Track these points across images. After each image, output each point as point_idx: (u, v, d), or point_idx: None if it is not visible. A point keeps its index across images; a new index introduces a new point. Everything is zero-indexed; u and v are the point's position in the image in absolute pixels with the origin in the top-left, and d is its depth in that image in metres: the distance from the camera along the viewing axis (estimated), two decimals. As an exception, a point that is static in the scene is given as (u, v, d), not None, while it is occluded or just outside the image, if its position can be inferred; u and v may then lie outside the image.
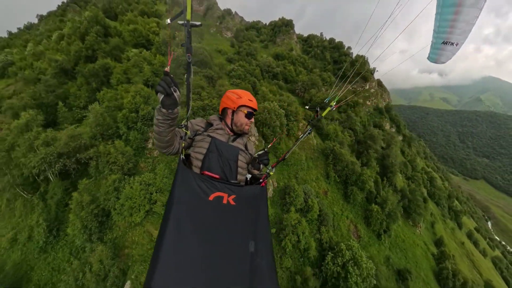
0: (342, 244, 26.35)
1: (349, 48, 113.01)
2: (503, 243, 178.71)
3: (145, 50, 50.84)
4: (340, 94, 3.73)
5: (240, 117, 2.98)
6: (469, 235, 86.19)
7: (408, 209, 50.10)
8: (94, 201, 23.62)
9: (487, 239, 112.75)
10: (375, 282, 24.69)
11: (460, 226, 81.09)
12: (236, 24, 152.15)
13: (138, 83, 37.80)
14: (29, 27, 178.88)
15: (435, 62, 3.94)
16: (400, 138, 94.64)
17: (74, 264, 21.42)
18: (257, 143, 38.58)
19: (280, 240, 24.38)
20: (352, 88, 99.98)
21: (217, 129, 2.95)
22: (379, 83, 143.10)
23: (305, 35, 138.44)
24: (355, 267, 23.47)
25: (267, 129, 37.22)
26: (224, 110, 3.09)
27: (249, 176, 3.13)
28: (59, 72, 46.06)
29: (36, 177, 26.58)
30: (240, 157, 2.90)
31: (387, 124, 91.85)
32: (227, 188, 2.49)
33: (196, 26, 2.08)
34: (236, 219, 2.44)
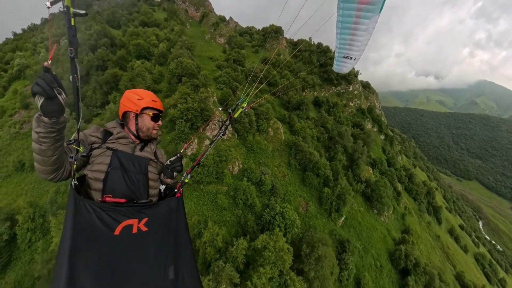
0: (277, 205, 32.96)
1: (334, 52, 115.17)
2: (493, 242, 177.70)
3: (146, 61, 59.28)
4: (251, 96, 3.95)
5: (146, 121, 2.58)
6: (451, 231, 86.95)
7: (371, 198, 52.63)
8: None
9: (473, 237, 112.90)
10: (296, 230, 31.99)
11: (439, 221, 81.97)
12: (231, 29, 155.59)
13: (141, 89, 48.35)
14: (32, 28, 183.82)
15: (339, 72, 4.82)
16: (382, 137, 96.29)
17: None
18: (230, 135, 43.99)
19: (235, 197, 33.66)
20: (336, 90, 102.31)
21: (119, 138, 2.46)
22: (367, 85, 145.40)
23: (297, 38, 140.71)
24: (281, 218, 31.13)
25: (238, 125, 44.43)
26: (125, 114, 2.61)
27: (163, 187, 2.71)
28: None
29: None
30: (150, 168, 2.53)
31: (369, 124, 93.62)
32: (137, 212, 2.15)
33: (80, 15, 1.68)
34: (149, 247, 2.12)
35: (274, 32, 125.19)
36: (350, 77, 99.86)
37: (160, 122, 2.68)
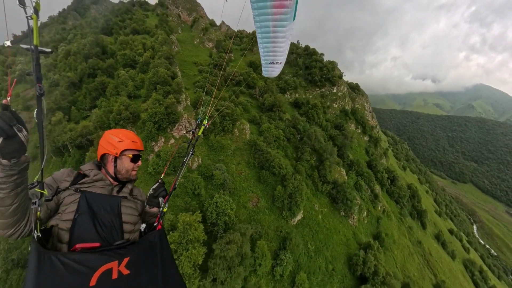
0: (217, 196, 35.56)
1: (322, 54, 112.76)
2: (487, 246, 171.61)
3: (131, 69, 64.38)
4: (209, 112, 4.24)
5: (125, 163, 2.40)
6: (437, 236, 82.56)
7: (336, 199, 49.55)
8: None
9: (463, 242, 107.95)
10: (226, 218, 33.50)
11: (424, 225, 77.78)
12: (222, 33, 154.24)
13: (123, 95, 53.00)
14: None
15: (269, 76, 5.30)
16: (366, 138, 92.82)
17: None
18: (197, 135, 46.08)
19: (185, 186, 37.49)
20: (320, 91, 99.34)
21: (96, 181, 2.25)
22: (356, 87, 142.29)
23: (296, 42, 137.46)
24: (215, 206, 34.07)
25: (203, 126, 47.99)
26: (104, 156, 2.43)
27: (143, 226, 2.48)
28: (70, 84, 63.77)
29: (61, 148, 47.99)
30: (123, 209, 2.25)
31: (352, 125, 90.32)
32: (115, 254, 1.87)
33: (45, 53, 1.69)
34: None
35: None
36: (334, 79, 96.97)
37: (139, 163, 2.51)
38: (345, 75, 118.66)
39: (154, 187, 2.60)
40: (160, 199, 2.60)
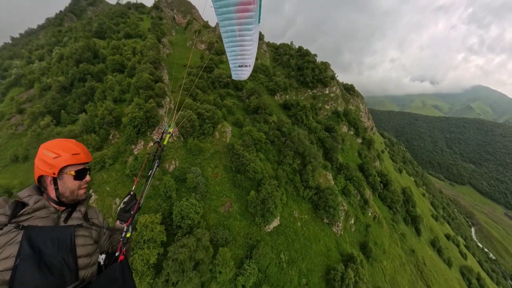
0: (184, 199, 35.23)
1: (315, 55, 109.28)
2: (486, 250, 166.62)
3: (119, 74, 65.04)
4: (175, 119, 4.88)
5: (68, 183, 1.99)
6: (433, 243, 78.39)
7: (318, 206, 46.11)
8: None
9: (461, 247, 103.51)
10: (190, 222, 33.09)
11: (418, 232, 73.67)
12: (216, 35, 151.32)
13: (109, 100, 54.56)
14: (29, 32, 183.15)
15: (239, 79, 5.70)
16: (359, 141, 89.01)
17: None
18: (175, 138, 46.77)
19: (159, 188, 37.40)
20: (312, 93, 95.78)
21: (36, 210, 1.82)
22: (351, 88, 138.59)
23: (295, 43, 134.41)
24: (179, 209, 33.73)
25: (182, 129, 47.20)
26: (42, 178, 2.00)
27: (102, 257, 2.16)
28: (61, 88, 64.53)
29: None
30: (78, 240, 1.87)
31: (344, 127, 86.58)
32: None
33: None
34: None
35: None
36: (326, 80, 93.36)
37: (88, 178, 2.13)
38: (337, 76, 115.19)
39: (125, 199, 2.39)
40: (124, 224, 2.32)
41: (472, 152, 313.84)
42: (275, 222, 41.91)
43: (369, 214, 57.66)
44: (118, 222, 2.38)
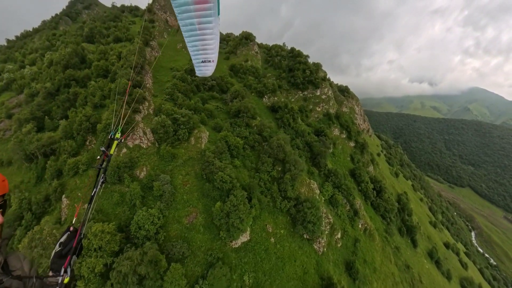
0: (144, 208, 34.43)
1: (307, 56, 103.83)
2: (486, 255, 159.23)
3: (102, 79, 64.37)
4: (122, 124, 4.60)
5: None
6: (431, 254, 71.94)
7: (295, 220, 40.51)
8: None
9: (460, 256, 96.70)
10: (144, 233, 31.79)
11: (415, 243, 67.38)
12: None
13: (89, 106, 54.63)
14: (25, 35, 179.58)
15: (203, 76, 5.89)
16: (352, 144, 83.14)
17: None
18: (150, 144, 45.94)
19: (125, 196, 37.70)
20: (303, 94, 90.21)
21: None
22: (345, 89, 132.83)
23: (293, 46, 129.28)
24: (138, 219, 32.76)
25: (157, 135, 46.47)
26: None
27: None
28: (47, 94, 64.61)
29: (32, 156, 49.21)
30: None
31: (336, 130, 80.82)
32: None
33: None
34: None
35: (245, 38, 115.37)
36: (317, 81, 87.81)
37: (1, 219, 1.76)
38: (329, 77, 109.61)
39: (62, 239, 1.94)
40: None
41: (470, 154, 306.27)
42: (244, 237, 36.98)
43: (359, 226, 51.75)
44: (50, 272, 1.87)
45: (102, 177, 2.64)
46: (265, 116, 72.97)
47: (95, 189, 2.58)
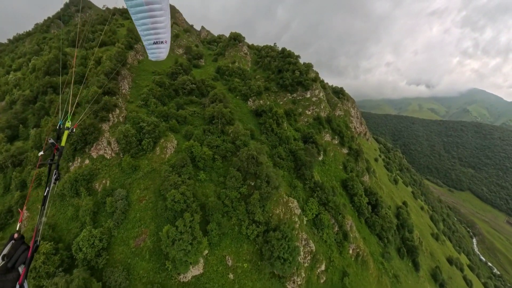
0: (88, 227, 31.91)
1: (298, 56, 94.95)
2: (489, 264, 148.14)
3: (79, 86, 60.12)
4: (71, 111, 4.20)
5: None
6: (435, 275, 62.08)
7: (263, 253, 31.64)
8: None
9: (464, 272, 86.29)
10: (81, 256, 29.48)
11: (417, 266, 57.49)
12: (197, 39, 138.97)
13: (60, 114, 46.03)
14: (17, 38, 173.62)
15: (157, 59, 5.10)
16: (345, 151, 73.84)
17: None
18: (114, 155, 43.09)
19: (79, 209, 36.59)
20: (292, 97, 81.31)
21: None
22: (340, 91, 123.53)
23: (290, 47, 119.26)
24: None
25: (120, 145, 43.29)
26: None
27: None
28: (25, 102, 62.61)
29: (2, 166, 48.61)
30: None
31: (327, 135, 71.62)
32: None
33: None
34: None
35: (233, 39, 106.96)
36: (307, 82, 78.80)
37: None
38: (323, 79, 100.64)
39: (5, 251, 1.64)
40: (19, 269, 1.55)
41: (470, 156, 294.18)
42: (197, 270, 29.55)
43: (349, 252, 42.44)
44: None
45: (55, 174, 2.20)
46: (248, 121, 64.19)
47: (47, 188, 2.17)
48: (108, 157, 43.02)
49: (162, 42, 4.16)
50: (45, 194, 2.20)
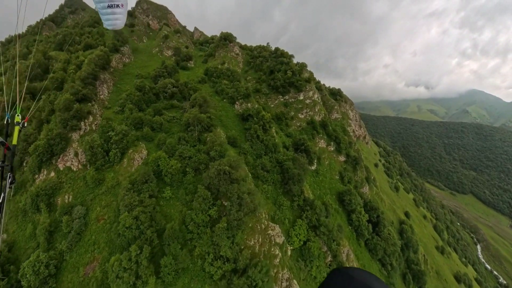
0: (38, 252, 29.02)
1: (291, 56, 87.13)
2: (495, 272, 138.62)
3: (55, 92, 56.00)
4: (19, 102, 3.90)
5: None
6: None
7: None
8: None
9: (474, 286, 77.77)
10: (25, 284, 26.94)
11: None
12: (188, 40, 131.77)
13: (34, 123, 49.04)
14: (9, 40, 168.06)
15: (114, 28, 4.24)
16: (342, 159, 65.68)
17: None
18: (80, 167, 39.66)
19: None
20: (284, 99, 73.40)
21: None
22: (338, 93, 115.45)
23: (289, 50, 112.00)
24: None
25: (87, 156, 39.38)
26: None
27: None
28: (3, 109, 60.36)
29: None
30: None
31: (322, 141, 63.54)
32: None
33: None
34: None
35: (224, 39, 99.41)
36: (300, 83, 70.83)
37: None
38: (319, 80, 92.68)
39: None
40: None
41: (472, 158, 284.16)
42: None
43: None
44: None
45: (9, 177, 2.10)
46: (233, 126, 56.38)
47: (2, 194, 2.05)
48: (74, 169, 39.57)
49: (117, 6, 3.62)
50: (0, 201, 1.96)
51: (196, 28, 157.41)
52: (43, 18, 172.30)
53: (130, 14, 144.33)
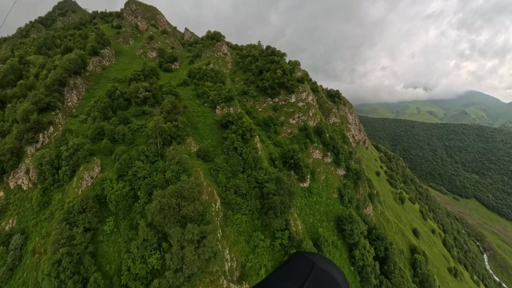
0: None
1: (284, 54, 76.66)
2: (504, 285, 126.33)
3: (23, 100, 49.13)
4: None
5: None
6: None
7: None
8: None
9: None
10: None
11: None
12: (175, 41, 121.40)
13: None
14: (1, 41, 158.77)
15: None
16: (341, 172, 54.72)
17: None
18: (31, 186, 35.33)
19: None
20: (273, 102, 62.65)
21: None
22: (336, 95, 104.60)
23: (286, 52, 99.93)
24: None
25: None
26: None
27: None
28: None
29: None
30: None
31: (317, 151, 52.65)
32: None
33: None
34: None
35: (211, 38, 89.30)
36: (291, 84, 60.10)
37: None
38: (315, 81, 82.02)
39: None
40: None
41: (473, 160, 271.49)
42: None
43: None
44: None
45: None
46: (211, 135, 45.65)
47: None
48: (25, 188, 34.86)
49: None
50: None
51: (186, 29, 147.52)
52: (32, 20, 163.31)
53: (118, 15, 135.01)
